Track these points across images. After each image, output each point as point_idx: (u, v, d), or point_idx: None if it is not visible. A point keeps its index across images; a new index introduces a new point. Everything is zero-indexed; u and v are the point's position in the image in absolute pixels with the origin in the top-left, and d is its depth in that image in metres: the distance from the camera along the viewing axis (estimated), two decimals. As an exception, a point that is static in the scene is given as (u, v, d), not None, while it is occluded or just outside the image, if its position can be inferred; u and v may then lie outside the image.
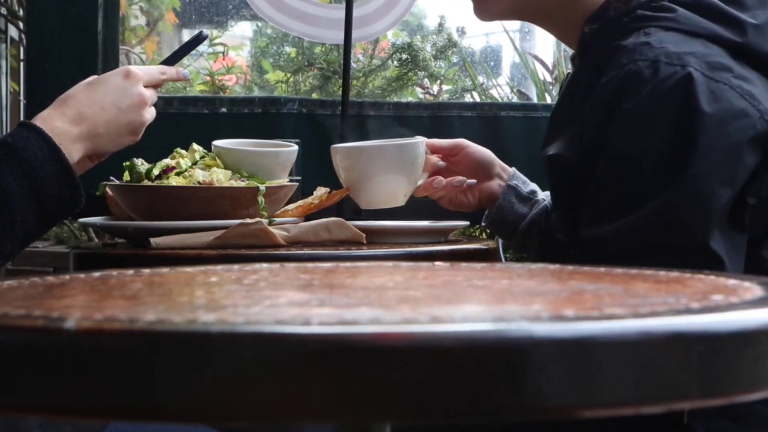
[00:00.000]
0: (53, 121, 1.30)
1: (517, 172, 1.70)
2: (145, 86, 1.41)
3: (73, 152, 1.30)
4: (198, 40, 1.59)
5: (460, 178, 1.66)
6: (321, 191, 1.69)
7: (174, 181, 1.56)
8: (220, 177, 1.57)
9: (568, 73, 1.56)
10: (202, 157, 1.63)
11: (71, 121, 1.32)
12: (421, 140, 1.62)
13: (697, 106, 1.23)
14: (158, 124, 1.47)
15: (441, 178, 1.65)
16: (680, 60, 1.26)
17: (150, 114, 1.42)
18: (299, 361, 0.49)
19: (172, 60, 1.58)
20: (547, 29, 1.54)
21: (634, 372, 0.52)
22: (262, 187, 1.54)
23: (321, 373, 0.49)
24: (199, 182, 1.56)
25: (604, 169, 1.28)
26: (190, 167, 1.60)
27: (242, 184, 1.57)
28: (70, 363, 0.51)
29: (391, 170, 1.60)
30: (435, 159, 1.66)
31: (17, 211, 1.22)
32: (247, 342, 0.50)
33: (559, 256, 1.36)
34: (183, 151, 1.64)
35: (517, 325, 0.52)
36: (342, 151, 1.65)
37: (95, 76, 1.42)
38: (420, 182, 1.64)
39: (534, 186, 1.70)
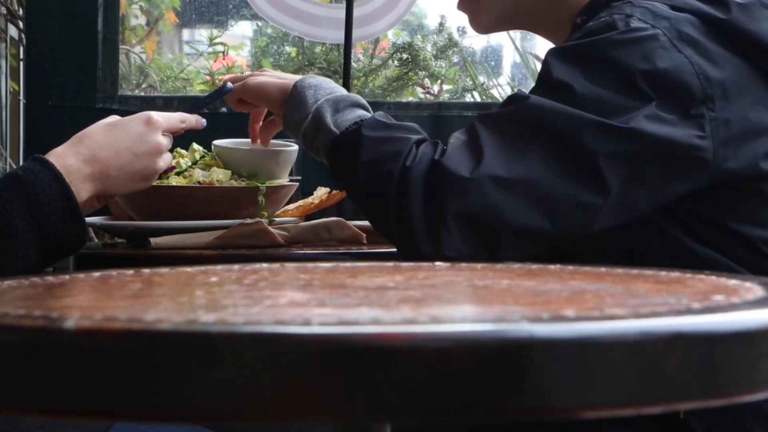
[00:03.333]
0: (66, 159, 1.30)
1: None
2: (163, 133, 1.40)
3: (82, 191, 1.29)
4: (223, 91, 1.59)
5: None
6: (321, 191, 1.69)
7: (174, 181, 1.56)
8: (220, 177, 1.57)
9: None
10: (202, 157, 1.63)
11: (84, 161, 1.31)
12: None
13: (653, 61, 1.25)
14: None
15: None
16: (654, 20, 1.28)
17: (164, 162, 1.40)
18: (299, 362, 0.49)
19: (194, 108, 1.56)
20: (541, 34, 1.56)
21: (635, 372, 0.52)
22: (263, 187, 1.54)
23: (321, 373, 0.49)
24: (199, 182, 1.56)
25: (542, 78, 1.30)
26: (190, 167, 1.60)
27: (242, 184, 1.57)
28: (70, 363, 0.51)
29: None
30: None
31: (19, 245, 1.21)
32: (247, 342, 0.50)
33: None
34: (183, 151, 1.64)
35: (517, 325, 0.52)
36: None
37: (116, 117, 1.42)
38: None
39: None
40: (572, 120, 1.23)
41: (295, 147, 1.69)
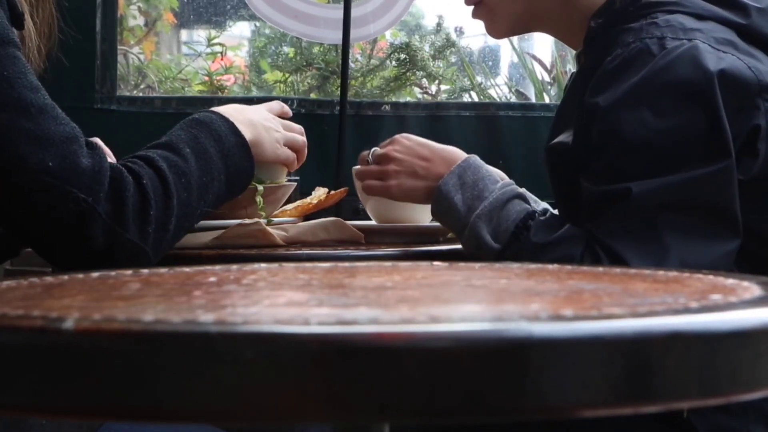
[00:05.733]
0: (220, 109, 1.43)
1: (527, 192, 1.70)
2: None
3: (243, 132, 1.40)
4: None
5: None
6: (320, 191, 1.69)
7: None
8: None
9: (573, 72, 1.57)
10: None
11: (234, 110, 1.44)
12: None
13: (705, 67, 1.25)
14: (157, 125, 1.48)
15: None
16: (687, 35, 1.29)
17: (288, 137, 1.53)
18: (298, 361, 0.49)
19: None
20: (556, 36, 1.57)
21: (633, 372, 0.52)
22: (261, 187, 1.54)
23: (320, 373, 0.49)
24: None
25: (614, 137, 1.28)
26: None
27: None
28: (69, 363, 0.51)
29: None
30: None
31: (214, 168, 1.33)
32: (246, 342, 0.50)
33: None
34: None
35: (515, 324, 0.52)
36: None
37: None
38: None
39: (545, 205, 1.70)
40: (683, 188, 1.24)
41: None
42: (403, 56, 3.32)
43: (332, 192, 1.69)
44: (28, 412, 0.58)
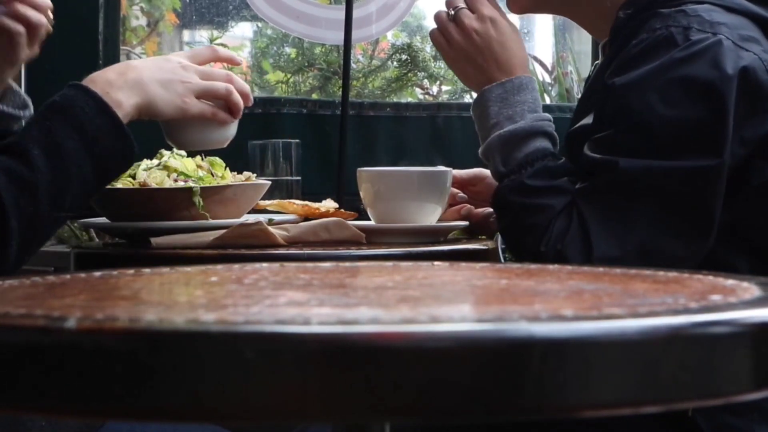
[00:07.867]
0: (100, 74, 1.34)
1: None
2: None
3: (123, 100, 1.31)
4: None
5: (490, 210, 1.63)
6: (330, 204, 1.68)
7: (120, 183, 1.52)
8: (158, 177, 1.53)
9: (596, 63, 1.57)
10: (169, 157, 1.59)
11: (118, 73, 1.34)
12: (448, 170, 1.60)
13: (723, 66, 1.25)
14: (157, 124, 1.47)
15: (469, 206, 1.64)
16: (712, 28, 1.29)
17: (203, 82, 1.40)
18: (299, 361, 0.49)
19: None
20: (577, 21, 1.57)
21: (633, 372, 0.52)
22: (196, 188, 1.51)
23: (321, 372, 0.49)
24: (140, 183, 1.52)
25: (621, 116, 1.30)
26: (152, 167, 1.56)
27: (181, 184, 1.53)
28: (71, 362, 0.51)
29: (416, 197, 1.58)
30: (454, 190, 1.65)
31: (72, 165, 1.25)
32: (247, 341, 0.50)
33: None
34: (166, 152, 1.62)
35: (516, 324, 0.52)
36: (367, 175, 1.63)
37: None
38: (441, 210, 1.62)
39: None
40: (668, 175, 1.25)
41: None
42: (404, 57, 3.32)
43: (341, 210, 1.68)
44: (29, 412, 0.58)
